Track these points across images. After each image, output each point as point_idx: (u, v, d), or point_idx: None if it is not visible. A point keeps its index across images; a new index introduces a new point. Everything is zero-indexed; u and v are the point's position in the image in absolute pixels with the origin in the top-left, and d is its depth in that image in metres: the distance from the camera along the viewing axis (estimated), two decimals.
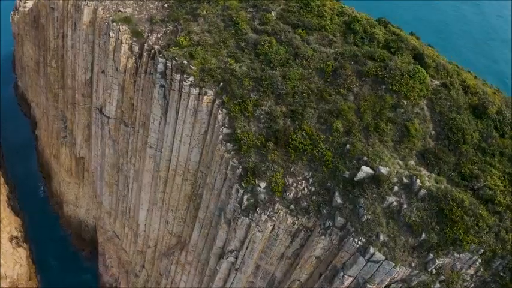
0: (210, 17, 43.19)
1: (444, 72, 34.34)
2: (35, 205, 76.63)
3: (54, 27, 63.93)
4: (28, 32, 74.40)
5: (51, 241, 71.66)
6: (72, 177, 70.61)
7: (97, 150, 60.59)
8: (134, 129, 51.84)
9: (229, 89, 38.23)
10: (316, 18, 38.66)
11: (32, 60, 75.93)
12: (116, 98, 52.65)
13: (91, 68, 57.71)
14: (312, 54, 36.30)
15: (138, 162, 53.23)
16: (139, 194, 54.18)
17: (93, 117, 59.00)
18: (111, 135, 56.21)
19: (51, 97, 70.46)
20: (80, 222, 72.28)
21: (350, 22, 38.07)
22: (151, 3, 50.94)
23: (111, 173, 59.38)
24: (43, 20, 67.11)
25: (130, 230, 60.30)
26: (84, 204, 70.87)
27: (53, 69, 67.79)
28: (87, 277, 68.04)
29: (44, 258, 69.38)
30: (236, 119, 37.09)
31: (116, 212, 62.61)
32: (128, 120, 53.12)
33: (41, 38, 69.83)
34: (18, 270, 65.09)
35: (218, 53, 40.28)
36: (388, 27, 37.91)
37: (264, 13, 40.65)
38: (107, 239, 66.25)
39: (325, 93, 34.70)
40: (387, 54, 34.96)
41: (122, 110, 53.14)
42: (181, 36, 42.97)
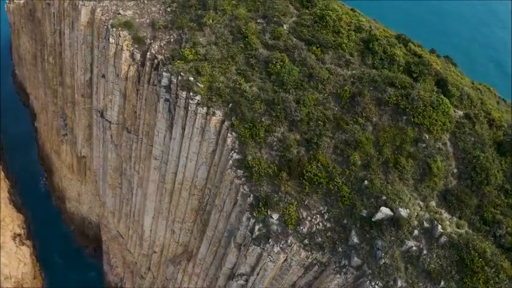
0: (216, 27, 40.52)
1: (468, 101, 32.38)
2: (36, 200, 75.52)
3: (51, 23, 60.79)
4: (24, 24, 70.96)
5: (54, 237, 71.00)
6: (74, 174, 69.24)
7: (99, 152, 58.93)
8: (137, 137, 50.05)
9: (239, 111, 36.26)
10: (332, 34, 36.11)
11: (29, 54, 72.87)
12: (118, 103, 50.54)
13: (90, 69, 55.21)
14: (327, 77, 34.12)
15: (142, 170, 51.75)
16: (144, 201, 53.04)
17: (94, 119, 57.06)
18: (113, 140, 54.44)
19: (50, 93, 68.02)
20: (83, 219, 71.50)
21: (368, 40, 35.60)
22: (153, 6, 47.92)
23: (114, 176, 57.99)
24: (39, 15, 63.77)
25: (135, 233, 59.51)
26: (87, 201, 69.83)
27: (50, 66, 65.06)
28: (92, 275, 67.81)
29: (47, 255, 68.85)
30: (247, 144, 35.34)
31: (119, 213, 61.62)
32: (131, 127, 51.21)
33: (37, 33, 66.62)
34: (23, 270, 64.77)
35: (226, 69, 37.98)
36: (408, 46, 35.51)
37: (275, 26, 38.02)
38: (111, 238, 65.63)
39: (342, 122, 32.84)
40: (409, 80, 32.83)
41: (124, 116, 51.16)
42: (187, 48, 40.43)
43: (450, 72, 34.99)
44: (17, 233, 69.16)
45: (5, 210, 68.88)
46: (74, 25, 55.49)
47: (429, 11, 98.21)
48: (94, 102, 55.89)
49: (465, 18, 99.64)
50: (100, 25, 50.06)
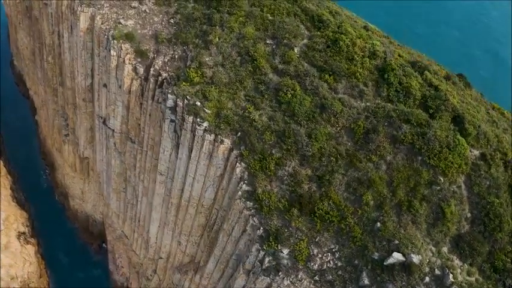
0: (223, 46, 38.90)
1: (484, 140, 31.55)
2: (39, 195, 75.07)
3: (49, 23, 58.49)
4: (21, 20, 68.17)
5: (58, 234, 71.00)
6: (76, 172, 68.70)
7: (102, 156, 58.16)
8: (142, 149, 49.23)
9: (248, 141, 35.36)
10: (346, 61, 34.69)
11: (27, 50, 70.46)
12: (121, 114, 49.42)
13: (91, 74, 53.69)
14: (340, 110, 33.06)
15: (147, 181, 51.19)
16: (150, 210, 52.81)
17: (96, 125, 56.06)
18: (116, 147, 53.64)
19: (49, 92, 66.38)
20: (87, 217, 71.46)
21: (383, 69, 34.27)
22: (155, 16, 45.92)
23: (118, 181, 57.51)
24: (36, 13, 61.21)
25: (140, 237, 59.62)
26: (91, 199, 69.59)
27: (50, 65, 63.16)
28: (98, 272, 68.36)
29: (52, 253, 69.08)
30: (257, 176, 34.68)
31: (124, 215, 61.52)
32: (135, 138, 50.30)
33: (35, 31, 64.12)
34: (28, 269, 65.19)
35: (234, 94, 36.76)
36: (424, 75, 34.22)
37: (286, 49, 36.47)
38: (116, 238, 65.84)
39: (355, 159, 32.11)
40: (425, 117, 31.85)
41: (127, 127, 50.14)
42: (192, 68, 38.99)
43: (467, 104, 33.87)
44: (21, 232, 69.19)
45: (8, 208, 68.70)
46: (72, 29, 53.50)
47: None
48: (96, 109, 54.69)
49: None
50: (100, 34, 48.23)
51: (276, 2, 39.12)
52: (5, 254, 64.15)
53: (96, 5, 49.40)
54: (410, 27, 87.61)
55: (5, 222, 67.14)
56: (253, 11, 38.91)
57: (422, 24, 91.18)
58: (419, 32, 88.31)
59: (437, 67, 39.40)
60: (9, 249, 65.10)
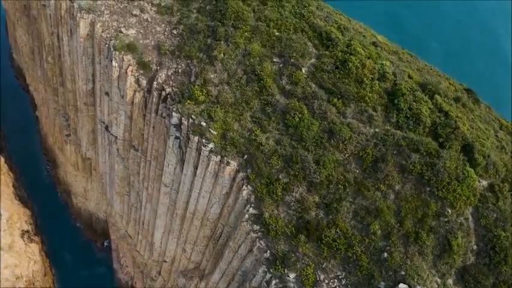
0: (228, 63, 38.01)
1: (493, 170, 31.35)
2: (41, 192, 75.02)
3: (48, 24, 56.96)
4: (19, 18, 66.24)
5: (62, 231, 71.09)
6: (79, 171, 68.51)
7: (105, 159, 57.87)
8: (145, 158, 48.90)
9: (255, 164, 35.05)
10: (355, 84, 33.98)
11: (26, 47, 68.80)
12: (123, 122, 48.83)
13: (92, 79, 52.79)
14: (349, 137, 32.65)
15: (151, 188, 51.08)
16: (154, 216, 52.90)
17: (98, 129, 55.56)
18: (119, 153, 53.28)
19: (50, 91, 65.36)
20: (91, 215, 71.64)
21: (393, 93, 33.63)
22: (157, 25, 44.71)
23: (121, 185, 57.37)
24: (34, 13, 59.54)
25: (144, 239, 59.94)
26: (94, 198, 69.63)
27: (49, 65, 61.92)
28: (102, 270, 69.00)
29: (56, 250, 69.50)
30: (263, 201, 34.55)
31: (128, 217, 61.69)
32: (138, 147, 49.88)
33: (34, 30, 62.47)
34: (33, 268, 65.70)
35: (241, 116, 36.18)
36: (434, 99, 33.62)
37: (293, 69, 35.67)
38: (119, 237, 66.20)
39: (363, 188, 31.95)
40: (434, 146, 31.48)
41: (130, 135, 49.65)
42: (197, 85, 38.24)
43: (476, 130, 33.40)
44: (25, 230, 69.42)
45: (11, 207, 68.76)
46: (72, 33, 52.28)
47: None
48: (98, 114, 54.02)
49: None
50: (101, 42, 47.11)
51: (282, 16, 38.04)
52: (10, 253, 64.56)
53: (96, 11, 48.11)
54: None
55: (9, 221, 67.33)
56: (259, 26, 37.87)
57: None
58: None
59: (446, 83, 38.79)
60: (13, 248, 65.46)
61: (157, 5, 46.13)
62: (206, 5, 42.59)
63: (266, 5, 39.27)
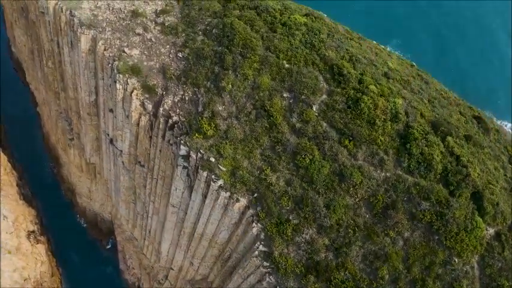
0: (237, 95, 37.16)
1: (501, 219, 31.52)
2: (45, 189, 74.95)
3: (47, 30, 55.10)
4: (17, 18, 63.77)
5: (68, 230, 71.49)
6: (83, 172, 68.33)
7: (110, 168, 57.52)
8: (152, 176, 48.67)
9: (265, 204, 35.04)
10: (367, 126, 33.40)
11: (25, 47, 66.55)
12: (129, 139, 48.34)
13: (95, 91, 51.80)
14: (360, 182, 32.48)
15: (158, 203, 51.13)
16: (161, 228, 53.19)
17: (102, 139, 55.08)
18: (125, 166, 53.00)
19: (51, 94, 64.19)
20: (96, 215, 72.00)
21: (405, 137, 33.20)
22: (162, 46, 43.35)
23: (127, 194, 57.44)
24: (33, 17, 57.41)
25: (151, 245, 60.53)
26: (99, 199, 69.72)
27: (50, 70, 60.35)
28: (109, 269, 69.89)
29: (63, 250, 69.75)
30: (273, 240, 34.79)
31: (134, 222, 62.04)
32: (144, 163, 49.58)
33: (32, 33, 60.54)
34: (41, 269, 66.40)
35: (250, 153, 35.75)
36: (446, 141, 33.20)
37: (304, 106, 34.89)
38: (125, 239, 66.79)
39: (373, 233, 32.19)
40: (445, 194, 31.44)
41: (136, 152, 49.19)
42: (205, 118, 37.53)
43: (487, 174, 33.25)
44: (31, 230, 69.71)
45: (16, 208, 68.88)
46: (73, 45, 50.83)
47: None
48: (102, 125, 53.43)
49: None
50: (103, 60, 45.89)
51: (292, 47, 36.88)
52: (17, 256, 65.22)
53: (98, 27, 46.62)
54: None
55: (15, 223, 67.64)
56: (269, 57, 36.79)
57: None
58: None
59: (456, 114, 38.27)
60: (20, 250, 66.02)
61: (161, 24, 44.73)
62: (212, 28, 41.28)
63: (275, 33, 38.04)
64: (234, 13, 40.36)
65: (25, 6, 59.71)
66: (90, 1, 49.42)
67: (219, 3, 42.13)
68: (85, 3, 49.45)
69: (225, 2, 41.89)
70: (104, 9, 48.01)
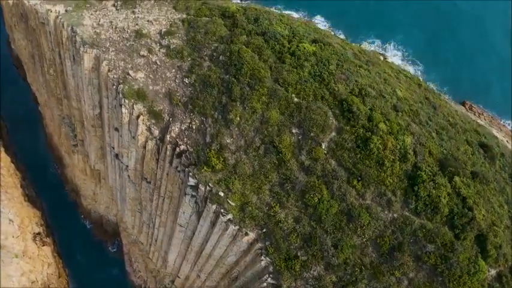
0: (245, 129, 36.93)
1: (503, 261, 32.24)
2: (50, 189, 74.76)
3: (48, 40, 54.03)
4: (17, 23, 62.01)
5: (73, 230, 72.04)
6: (87, 176, 68.41)
7: (115, 178, 57.49)
8: (159, 194, 48.91)
9: (274, 239, 35.59)
10: (376, 166, 33.53)
11: (26, 51, 65.07)
12: (135, 157, 48.34)
13: (99, 105, 51.39)
14: (368, 223, 32.88)
15: (165, 218, 51.51)
16: (168, 241, 53.76)
17: (107, 151, 54.93)
18: (130, 179, 53.13)
19: (53, 100, 63.55)
20: (101, 217, 72.49)
21: (413, 178, 33.43)
22: (167, 70, 42.68)
23: (133, 204, 57.81)
24: (33, 24, 56.12)
25: (157, 252, 61.28)
26: (104, 201, 70.02)
27: (52, 77, 59.49)
28: (115, 271, 70.84)
29: (69, 250, 70.31)
30: (282, 274, 35.54)
31: (140, 229, 62.59)
32: (151, 180, 49.68)
33: (33, 39, 59.19)
34: (47, 271, 67.00)
35: (259, 189, 35.95)
36: (453, 181, 33.46)
37: (313, 144, 34.82)
38: (131, 242, 67.48)
39: (379, 273, 33.06)
40: (450, 237, 32.19)
41: (142, 169, 49.20)
42: (213, 150, 37.41)
43: (491, 214, 33.72)
44: (37, 232, 69.94)
45: (21, 211, 69.09)
46: (75, 60, 50.06)
47: None
48: (106, 138, 53.24)
49: None
50: (108, 81, 45.33)
51: (301, 80, 36.43)
52: (25, 260, 65.83)
53: (101, 47, 45.80)
54: None
55: (21, 226, 68.07)
56: (277, 91, 36.40)
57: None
58: None
59: (464, 145, 38.34)
60: (27, 254, 66.52)
61: (166, 46, 43.85)
62: (219, 54, 40.54)
63: (284, 63, 37.48)
64: (241, 39, 39.65)
65: (24, 12, 58.26)
66: (92, 17, 48.69)
67: (226, 27, 41.32)
68: (87, 20, 48.71)
69: (232, 26, 41.08)
70: (107, 27, 47.18)
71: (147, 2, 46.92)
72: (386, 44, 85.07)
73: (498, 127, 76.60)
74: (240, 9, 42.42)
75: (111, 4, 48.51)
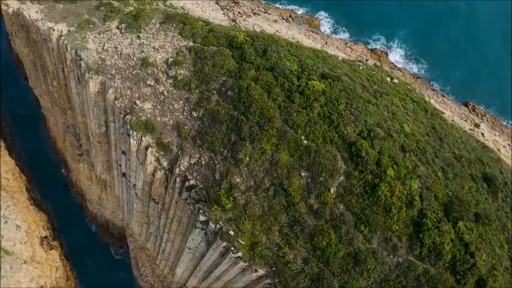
0: (255, 169, 37.27)
1: None
2: (55, 192, 74.95)
3: (51, 56, 53.21)
4: (17, 31, 60.68)
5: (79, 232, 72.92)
6: (93, 183, 68.81)
7: (122, 192, 57.98)
8: (167, 215, 49.54)
9: (283, 278, 36.69)
10: (383, 212, 34.31)
11: (27, 58, 63.90)
12: (143, 180, 48.67)
13: (105, 124, 51.28)
14: (373, 267, 33.87)
15: (173, 235, 52.21)
16: (176, 256, 54.69)
17: (114, 167, 55.20)
18: (138, 196, 53.64)
19: (57, 109, 63.11)
20: (107, 221, 73.28)
21: (419, 225, 34.26)
22: (175, 102, 42.46)
23: (140, 216, 58.50)
24: (35, 37, 54.80)
25: (164, 261, 62.36)
26: (110, 207, 70.66)
27: (55, 88, 58.97)
28: (123, 274, 72.13)
29: (76, 253, 71.10)
30: None
31: (147, 237, 63.39)
32: (159, 201, 50.19)
33: (34, 50, 58.01)
34: (56, 274, 68.01)
35: (269, 229, 36.74)
36: (457, 226, 34.40)
37: (322, 188, 35.40)
38: (138, 248, 68.55)
39: None
40: (451, 283, 33.73)
41: (150, 191, 49.58)
42: (223, 189, 37.86)
43: (491, 258, 34.76)
44: (44, 236, 70.79)
45: (28, 215, 69.62)
46: (80, 80, 49.55)
47: None
48: (113, 156, 53.44)
49: None
50: (115, 109, 45.19)
51: (311, 122, 36.54)
52: (33, 265, 66.88)
53: (106, 73, 45.38)
54: None
55: (28, 231, 69.08)
56: (287, 132, 36.59)
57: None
58: None
59: (468, 181, 38.96)
60: (35, 259, 67.45)
61: (173, 77, 43.38)
62: (227, 89, 40.32)
63: (293, 103, 37.46)
64: (250, 74, 39.39)
65: (25, 24, 57.10)
66: (96, 40, 47.86)
67: (234, 60, 40.90)
68: (91, 43, 47.93)
69: (240, 59, 40.69)
70: (112, 53, 46.49)
71: (152, 26, 46.17)
72: (390, 42, 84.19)
73: (500, 129, 77.00)
74: (248, 39, 41.85)
75: (115, 26, 47.75)
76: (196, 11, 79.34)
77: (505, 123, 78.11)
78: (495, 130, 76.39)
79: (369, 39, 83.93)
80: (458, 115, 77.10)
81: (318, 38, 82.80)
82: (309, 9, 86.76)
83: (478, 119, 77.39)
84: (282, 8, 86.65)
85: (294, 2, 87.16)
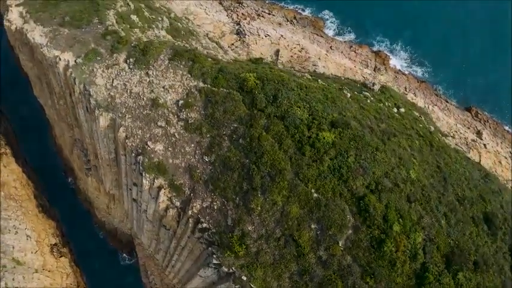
0: (266, 219, 38.70)
1: None
2: (62, 198, 75.93)
3: (57, 79, 52.99)
4: (21, 47, 59.97)
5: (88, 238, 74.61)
6: (101, 193, 69.81)
7: (132, 211, 58.98)
8: (178, 243, 51.04)
9: None
10: (388, 266, 36.12)
11: (32, 71, 63.28)
12: (154, 208, 49.91)
13: (115, 151, 51.96)
14: None
15: (184, 258, 53.78)
16: (186, 274, 56.52)
17: (124, 188, 56.22)
18: (149, 219, 54.99)
19: (64, 125, 63.29)
20: (115, 228, 74.68)
21: (421, 277, 36.10)
22: (187, 145, 43.17)
23: (150, 233, 59.91)
24: (40, 58, 54.15)
25: (174, 273, 64.24)
26: (118, 215, 71.92)
27: (62, 107, 59.09)
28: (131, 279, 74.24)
29: (85, 259, 73.40)
30: None
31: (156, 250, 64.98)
32: (170, 228, 51.50)
33: (40, 68, 57.51)
34: (66, 281, 70.06)
35: (279, 276, 38.45)
36: (457, 278, 36.48)
37: (331, 241, 37.00)
38: (146, 256, 70.30)
39: None
40: None
41: (162, 219, 50.83)
42: (235, 236, 39.31)
43: None
44: (53, 244, 72.18)
45: (37, 224, 70.61)
46: (89, 111, 49.77)
47: None
48: (123, 181, 54.39)
49: None
50: (126, 147, 45.78)
51: (321, 176, 37.71)
52: (44, 274, 68.71)
53: (116, 111, 45.79)
54: None
55: (38, 240, 70.38)
56: (297, 186, 37.75)
57: None
58: None
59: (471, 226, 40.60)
60: (46, 267, 69.08)
61: (184, 120, 43.88)
62: (239, 137, 41.01)
63: (304, 155, 38.40)
64: (261, 123, 40.04)
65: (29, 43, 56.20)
66: (104, 75, 47.77)
67: (244, 105, 41.40)
68: (99, 79, 47.91)
69: (250, 105, 41.21)
70: (121, 91, 46.63)
71: (161, 63, 46.18)
72: (394, 45, 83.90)
73: (502, 135, 78.10)
74: (258, 82, 42.19)
75: (122, 59, 47.66)
76: (200, 14, 78.58)
77: (507, 128, 79.25)
78: (497, 137, 77.60)
79: (373, 41, 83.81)
80: (461, 122, 78.18)
81: (322, 42, 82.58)
82: (314, 9, 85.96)
83: (480, 126, 78.50)
84: (286, 8, 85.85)
85: (298, 1, 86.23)
